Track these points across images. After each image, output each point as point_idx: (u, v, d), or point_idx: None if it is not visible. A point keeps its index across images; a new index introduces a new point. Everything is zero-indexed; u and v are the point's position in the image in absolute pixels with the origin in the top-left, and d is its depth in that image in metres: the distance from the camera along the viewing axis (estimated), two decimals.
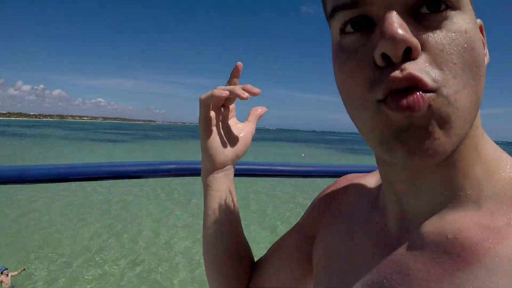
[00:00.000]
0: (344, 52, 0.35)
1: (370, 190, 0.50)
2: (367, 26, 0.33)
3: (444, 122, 0.30)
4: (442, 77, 0.30)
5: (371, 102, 0.32)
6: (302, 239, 0.59)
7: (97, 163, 1.22)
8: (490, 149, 0.37)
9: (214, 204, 0.62)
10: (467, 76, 0.31)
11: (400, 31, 0.29)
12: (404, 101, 0.30)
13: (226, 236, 0.63)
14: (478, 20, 0.38)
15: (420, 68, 0.30)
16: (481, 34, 0.37)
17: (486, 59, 0.37)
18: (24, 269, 8.25)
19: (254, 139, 0.67)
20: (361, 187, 0.53)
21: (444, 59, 0.30)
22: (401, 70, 0.30)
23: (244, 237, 0.67)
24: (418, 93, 0.29)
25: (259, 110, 0.69)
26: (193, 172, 1.25)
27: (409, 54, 0.30)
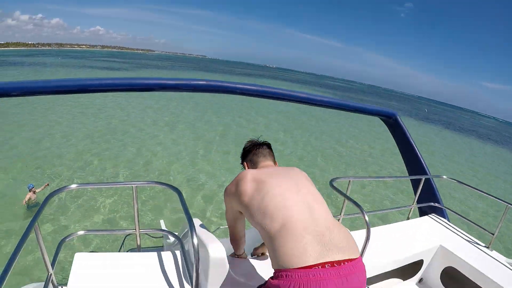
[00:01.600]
0: None
1: None
2: None
3: None
4: None
5: None
6: None
7: (132, 77, 1.33)
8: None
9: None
10: None
11: None
12: None
13: None
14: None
15: None
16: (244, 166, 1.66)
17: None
18: (47, 184, 8.23)
19: (253, 75, 1.90)
20: None
21: None
22: None
23: None
24: None
25: None
26: (222, 89, 1.41)
27: None
